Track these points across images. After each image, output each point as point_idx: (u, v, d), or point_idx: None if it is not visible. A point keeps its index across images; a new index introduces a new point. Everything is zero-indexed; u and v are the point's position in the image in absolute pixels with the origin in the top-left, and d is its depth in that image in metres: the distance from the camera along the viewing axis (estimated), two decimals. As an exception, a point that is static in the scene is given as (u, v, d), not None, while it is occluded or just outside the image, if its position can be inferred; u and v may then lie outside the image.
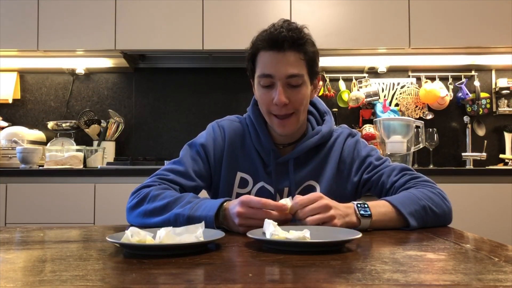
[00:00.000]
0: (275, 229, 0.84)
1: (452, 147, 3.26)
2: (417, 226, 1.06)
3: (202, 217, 1.03)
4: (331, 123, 1.33)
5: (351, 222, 1.01)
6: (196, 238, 0.79)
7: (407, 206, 1.07)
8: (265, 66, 1.18)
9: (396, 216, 1.06)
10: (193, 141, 1.33)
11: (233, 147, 1.31)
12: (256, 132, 1.30)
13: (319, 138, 1.28)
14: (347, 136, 1.33)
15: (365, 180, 1.27)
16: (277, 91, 1.17)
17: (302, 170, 1.28)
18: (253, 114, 1.31)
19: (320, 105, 1.37)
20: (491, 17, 2.85)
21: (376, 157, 1.29)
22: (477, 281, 0.60)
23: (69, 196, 2.57)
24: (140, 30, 2.89)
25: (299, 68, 1.18)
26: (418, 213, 1.07)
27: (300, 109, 1.21)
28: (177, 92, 3.31)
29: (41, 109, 3.31)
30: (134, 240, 0.78)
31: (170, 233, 0.80)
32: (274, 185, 1.26)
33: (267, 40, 1.17)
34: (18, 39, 2.90)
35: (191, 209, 1.06)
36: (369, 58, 3.12)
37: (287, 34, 1.15)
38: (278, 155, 1.28)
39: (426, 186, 1.18)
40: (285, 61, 1.17)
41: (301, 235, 0.81)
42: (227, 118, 1.38)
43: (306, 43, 1.19)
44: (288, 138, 1.29)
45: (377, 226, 1.04)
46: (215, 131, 1.33)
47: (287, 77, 1.17)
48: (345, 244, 0.84)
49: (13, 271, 0.67)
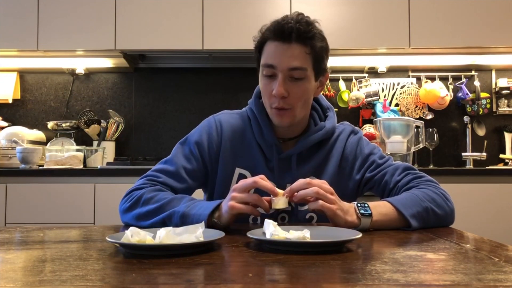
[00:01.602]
0: (275, 229, 0.84)
1: (452, 147, 3.26)
2: (418, 227, 1.06)
3: (196, 215, 1.02)
4: (334, 119, 1.31)
5: (351, 220, 1.01)
6: (196, 238, 0.79)
7: (409, 207, 1.06)
8: (269, 56, 1.17)
9: (397, 217, 1.06)
10: (186, 139, 1.30)
11: (231, 142, 1.27)
12: (258, 126, 1.26)
13: (323, 134, 1.26)
14: (349, 133, 1.32)
15: (367, 179, 1.26)
16: (277, 82, 1.15)
17: (304, 167, 1.26)
18: (256, 107, 1.27)
19: (323, 101, 1.35)
20: (491, 17, 2.85)
21: (379, 155, 1.28)
22: (477, 281, 0.60)
23: (69, 196, 2.57)
24: (140, 30, 2.89)
25: (303, 61, 1.15)
26: (419, 215, 1.07)
27: (297, 104, 1.18)
28: (177, 92, 3.31)
29: (41, 109, 3.31)
30: (134, 240, 0.78)
31: (170, 233, 0.80)
32: (276, 181, 1.22)
33: (274, 31, 1.16)
34: (18, 39, 2.90)
35: (187, 207, 1.05)
36: (369, 58, 3.12)
37: (294, 25, 1.13)
38: (281, 150, 1.25)
39: (429, 186, 1.17)
40: (289, 53, 1.14)
41: (301, 235, 0.80)
42: (225, 111, 1.35)
43: (314, 37, 1.16)
44: (290, 132, 1.26)
45: (378, 226, 1.04)
46: (211, 126, 1.29)
47: (290, 69, 1.15)
48: (345, 244, 0.84)
49: (13, 271, 0.67)
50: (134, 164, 2.75)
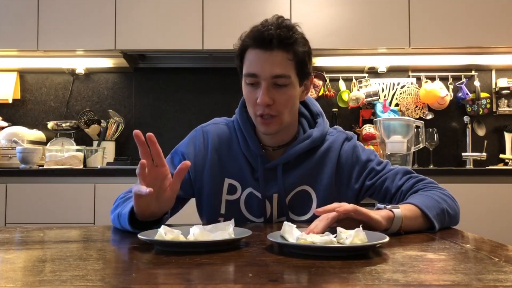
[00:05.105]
0: (302, 233, 0.81)
1: (452, 147, 3.26)
2: (438, 228, 1.04)
3: (122, 213, 1.04)
4: (323, 126, 1.26)
5: (385, 214, 0.95)
6: (228, 235, 0.83)
7: (431, 209, 1.04)
8: (250, 64, 1.13)
9: (422, 219, 1.03)
10: (175, 149, 1.31)
11: (218, 153, 1.25)
12: (243, 137, 1.23)
13: (309, 143, 1.21)
14: (343, 141, 1.27)
15: (367, 187, 1.23)
16: (261, 91, 1.12)
17: (292, 175, 1.22)
18: (241, 118, 1.25)
19: (314, 107, 1.30)
20: (491, 17, 2.85)
21: (377, 161, 1.25)
22: (477, 281, 0.60)
23: (69, 196, 2.57)
24: (140, 30, 2.89)
25: (286, 68, 1.12)
26: (439, 216, 1.05)
27: (283, 111, 1.15)
28: (177, 92, 3.31)
29: (41, 109, 3.31)
30: (168, 238, 0.81)
31: (204, 230, 0.84)
32: (261, 191, 1.21)
33: (254, 38, 1.12)
34: (18, 39, 2.90)
35: (124, 208, 1.06)
36: (369, 58, 3.12)
37: (274, 32, 1.09)
38: (267, 160, 1.21)
39: (435, 188, 1.16)
40: (271, 61, 1.11)
41: (328, 239, 0.77)
42: (213, 121, 1.32)
43: (296, 43, 1.12)
44: (277, 141, 1.23)
45: (407, 224, 0.99)
46: (198, 137, 1.28)
47: (273, 77, 1.11)
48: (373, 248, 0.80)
49: (13, 271, 0.67)
50: (134, 164, 2.75)
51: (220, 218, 1.24)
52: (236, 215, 1.21)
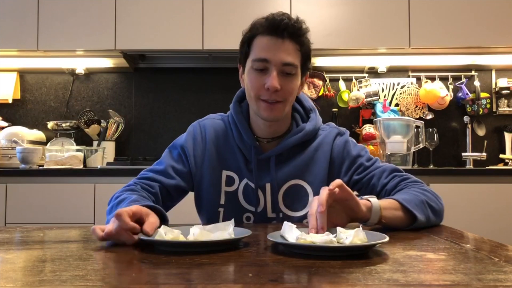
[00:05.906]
0: (301, 233, 0.81)
1: (452, 147, 3.26)
2: (423, 220, 1.05)
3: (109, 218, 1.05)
4: (316, 120, 1.30)
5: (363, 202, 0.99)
6: (228, 235, 0.83)
7: (410, 201, 1.06)
8: (262, 50, 1.17)
9: (402, 211, 1.05)
10: (173, 143, 1.33)
11: (215, 146, 1.30)
12: (237, 129, 1.27)
13: (303, 136, 1.26)
14: (335, 135, 1.31)
15: (355, 181, 1.25)
16: (271, 76, 1.15)
17: (284, 167, 1.26)
18: (234, 110, 1.29)
19: (306, 102, 1.34)
20: (491, 17, 2.85)
21: (367, 157, 1.28)
22: (477, 281, 0.60)
23: (69, 196, 2.57)
24: (140, 30, 2.89)
25: (295, 58, 1.18)
26: (419, 207, 1.07)
27: (288, 99, 1.20)
28: (177, 92, 3.31)
29: (41, 109, 3.31)
30: (168, 238, 0.82)
31: (204, 231, 0.84)
32: (255, 182, 1.24)
33: (268, 26, 1.17)
34: (18, 39, 2.89)
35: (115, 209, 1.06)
36: (369, 58, 3.12)
37: (288, 22, 1.16)
38: (260, 152, 1.26)
39: (418, 185, 1.18)
40: (283, 48, 1.16)
41: (328, 239, 0.77)
42: (209, 116, 1.38)
43: (305, 36, 1.20)
44: (271, 132, 1.26)
45: (388, 216, 1.02)
46: (196, 131, 1.32)
47: (283, 64, 1.16)
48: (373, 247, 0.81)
49: (13, 271, 0.67)
50: (134, 164, 2.75)
51: (220, 208, 1.27)
52: (235, 205, 1.26)
